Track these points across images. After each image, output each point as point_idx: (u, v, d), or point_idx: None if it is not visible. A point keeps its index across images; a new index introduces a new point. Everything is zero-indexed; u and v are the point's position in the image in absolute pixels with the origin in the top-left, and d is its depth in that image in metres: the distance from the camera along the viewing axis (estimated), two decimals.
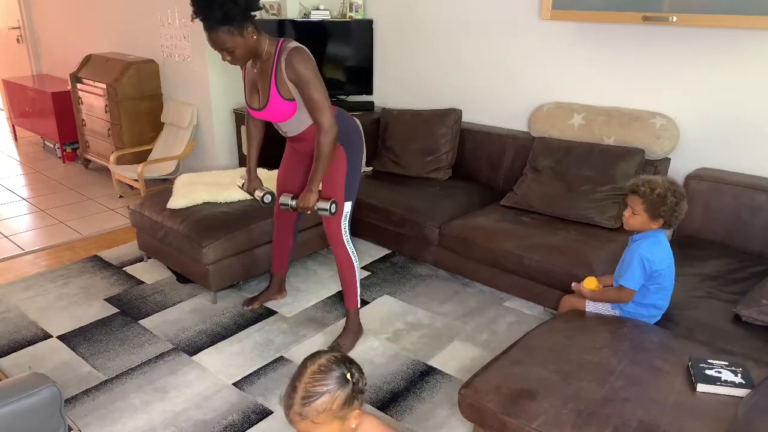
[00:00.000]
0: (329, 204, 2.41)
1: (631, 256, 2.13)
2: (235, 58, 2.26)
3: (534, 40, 3.40)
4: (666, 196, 2.06)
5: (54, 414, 1.54)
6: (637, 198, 2.10)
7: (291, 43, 2.32)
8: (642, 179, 2.13)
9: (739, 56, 2.75)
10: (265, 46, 2.32)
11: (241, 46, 2.23)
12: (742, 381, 1.76)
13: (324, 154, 2.35)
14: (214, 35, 2.19)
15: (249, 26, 2.23)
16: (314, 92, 2.29)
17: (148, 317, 2.92)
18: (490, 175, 3.58)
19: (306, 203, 2.41)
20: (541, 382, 1.80)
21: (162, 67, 4.72)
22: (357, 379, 1.33)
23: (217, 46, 2.22)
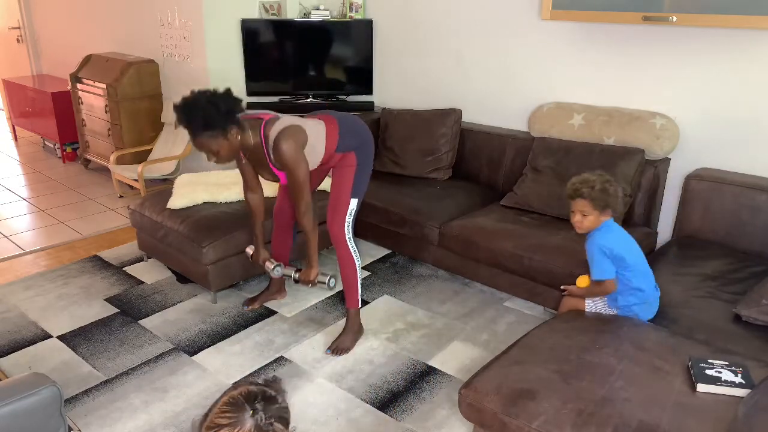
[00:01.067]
0: (327, 279, 2.56)
1: (591, 251, 2.20)
2: (221, 159, 2.32)
3: (534, 40, 3.40)
4: (606, 187, 2.12)
5: (54, 414, 1.54)
6: (581, 201, 2.15)
7: (272, 129, 2.34)
8: (575, 183, 2.18)
9: (739, 56, 2.75)
10: (250, 141, 2.38)
11: (225, 148, 2.29)
12: (742, 381, 1.76)
13: (308, 231, 2.49)
14: (198, 141, 2.25)
15: (232, 128, 2.27)
16: (294, 176, 2.37)
17: (148, 317, 2.92)
18: (490, 175, 3.58)
19: (307, 278, 2.56)
20: (541, 382, 1.80)
21: (162, 67, 4.71)
22: (261, 419, 1.15)
23: (202, 149, 2.28)
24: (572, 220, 2.22)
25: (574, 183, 2.19)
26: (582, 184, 2.16)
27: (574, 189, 2.18)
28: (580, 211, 2.17)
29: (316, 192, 2.82)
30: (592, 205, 2.14)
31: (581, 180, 2.18)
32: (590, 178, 2.17)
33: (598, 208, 2.14)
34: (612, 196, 2.14)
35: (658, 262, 2.61)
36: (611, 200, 2.14)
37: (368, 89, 4.21)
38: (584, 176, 2.20)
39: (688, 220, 2.84)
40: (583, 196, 2.14)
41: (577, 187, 2.17)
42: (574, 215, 2.21)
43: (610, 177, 2.19)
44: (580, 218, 2.18)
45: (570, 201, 2.21)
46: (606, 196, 2.13)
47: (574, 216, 2.20)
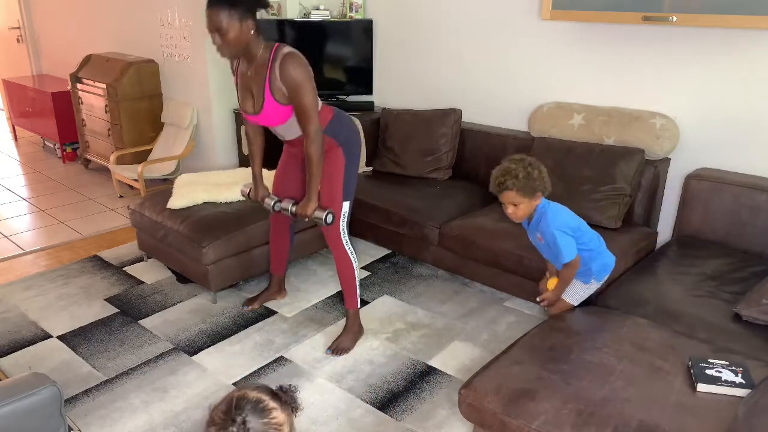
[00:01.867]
0: (325, 214, 2.46)
1: (551, 237, 2.16)
2: (225, 44, 2.22)
3: (534, 40, 3.40)
4: (529, 172, 2.08)
5: (54, 414, 1.54)
6: (509, 192, 2.11)
7: (286, 48, 2.30)
8: (497, 177, 2.12)
9: (739, 56, 2.75)
10: (259, 50, 2.30)
11: (235, 33, 2.20)
12: (743, 381, 1.76)
13: (314, 161, 2.38)
14: (213, 11, 2.17)
15: (249, 19, 2.22)
16: (304, 98, 2.29)
17: (148, 317, 2.92)
18: (490, 175, 3.56)
19: (304, 211, 2.47)
20: (541, 382, 1.80)
21: (162, 67, 4.72)
22: (240, 429, 1.18)
23: (212, 25, 2.19)
24: (506, 212, 2.18)
25: (497, 177, 2.13)
26: (505, 176, 2.10)
27: (498, 183, 2.12)
28: (511, 203, 2.14)
29: None
30: (520, 194, 2.10)
31: (502, 172, 2.12)
32: (511, 167, 2.10)
33: (528, 195, 2.11)
34: (537, 180, 2.09)
35: (658, 262, 2.62)
36: (538, 184, 2.10)
37: (368, 89, 4.21)
38: (504, 167, 2.12)
39: (688, 220, 2.84)
40: (509, 187, 2.09)
41: (500, 180, 2.11)
42: (505, 207, 2.17)
43: (531, 159, 2.13)
44: (513, 209, 2.15)
45: (498, 195, 2.16)
46: (532, 182, 2.09)
47: (506, 208, 2.17)
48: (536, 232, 2.23)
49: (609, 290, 2.46)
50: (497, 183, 2.13)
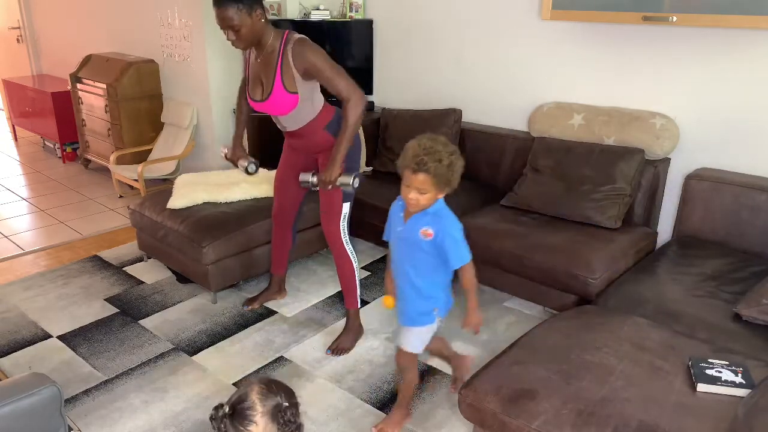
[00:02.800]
0: (352, 177, 2.34)
1: (452, 233, 1.92)
2: (239, 39, 2.26)
3: (534, 40, 3.40)
4: (453, 161, 1.83)
5: (54, 414, 1.54)
6: (424, 176, 1.81)
7: (296, 35, 2.33)
8: (419, 154, 1.80)
9: (739, 56, 2.75)
10: (270, 38, 2.33)
11: (248, 27, 2.23)
12: (743, 381, 1.76)
13: (350, 126, 2.34)
14: (222, 11, 2.19)
15: (258, 9, 2.24)
16: (332, 75, 2.30)
17: (148, 317, 2.92)
18: (490, 175, 3.58)
19: (329, 176, 2.34)
20: (541, 382, 1.80)
21: (162, 67, 4.72)
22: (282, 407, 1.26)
23: (223, 23, 2.22)
24: (406, 195, 1.88)
25: (418, 154, 1.80)
26: (429, 155, 1.79)
27: (418, 161, 1.79)
28: (418, 188, 1.83)
29: (308, 193, 2.79)
30: (434, 182, 1.82)
31: (426, 150, 1.80)
32: (436, 148, 1.80)
33: (440, 186, 1.84)
34: (457, 173, 1.85)
35: (658, 262, 2.62)
36: (454, 177, 1.85)
37: (368, 89, 4.21)
38: (428, 145, 1.81)
39: (688, 220, 2.84)
40: (428, 170, 1.80)
41: (422, 159, 1.79)
42: (408, 190, 1.86)
43: (455, 146, 1.88)
44: (417, 196, 1.85)
45: (407, 173, 1.83)
46: (451, 174, 1.83)
47: (408, 192, 1.86)
48: (423, 226, 1.92)
49: (609, 290, 2.46)
50: (417, 161, 1.80)
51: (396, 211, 2.03)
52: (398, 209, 2.02)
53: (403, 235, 1.99)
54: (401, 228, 1.99)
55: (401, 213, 2.00)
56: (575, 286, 2.62)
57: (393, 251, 2.06)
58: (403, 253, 2.02)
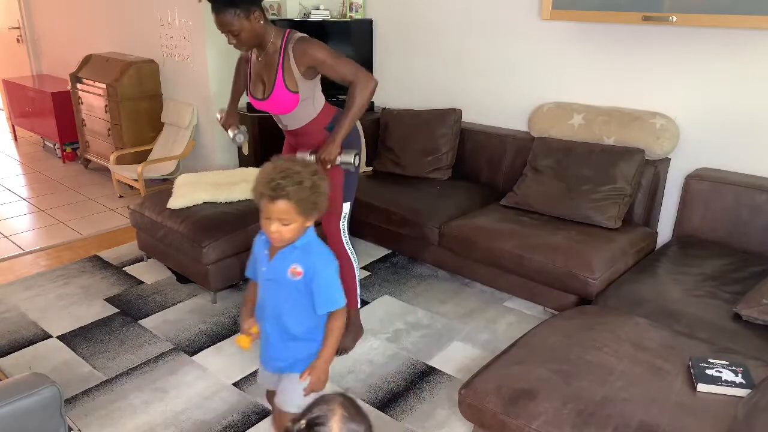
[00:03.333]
0: (353, 156, 2.28)
1: (324, 276, 1.63)
2: (240, 42, 2.27)
3: (534, 40, 3.40)
4: (316, 183, 1.54)
5: (54, 414, 1.54)
6: (284, 203, 1.50)
7: (297, 34, 2.34)
8: (274, 178, 1.50)
9: (739, 56, 2.75)
10: (270, 37, 2.33)
11: (247, 30, 2.24)
12: (743, 381, 1.76)
13: (356, 106, 2.30)
14: (220, 16, 2.20)
15: (256, 11, 2.24)
16: (340, 67, 2.30)
17: (148, 317, 2.92)
18: (490, 175, 3.58)
19: (328, 155, 2.28)
20: (541, 382, 1.80)
21: (162, 67, 4.72)
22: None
23: (223, 28, 2.23)
24: (266, 228, 1.55)
25: (274, 178, 1.49)
26: (286, 178, 1.49)
27: (274, 186, 1.49)
28: (280, 218, 1.52)
29: None
30: (297, 209, 1.52)
31: (283, 172, 1.51)
32: (294, 169, 1.52)
33: (306, 213, 1.55)
34: (323, 195, 1.57)
35: (658, 262, 2.62)
36: (321, 200, 1.57)
37: None
38: (284, 166, 1.53)
39: (688, 220, 2.84)
40: (289, 197, 1.49)
41: (279, 183, 1.49)
42: (269, 222, 1.54)
43: (315, 166, 1.61)
44: (279, 229, 1.54)
45: (264, 202, 1.52)
46: (317, 196, 1.55)
47: (270, 224, 1.53)
48: (291, 264, 1.62)
49: (609, 290, 2.46)
50: (272, 186, 1.49)
51: (260, 247, 1.69)
52: (262, 245, 1.68)
53: (269, 275, 1.66)
54: (266, 268, 1.66)
55: (266, 250, 1.67)
56: (575, 286, 2.62)
57: (261, 293, 1.73)
58: (273, 296, 1.68)
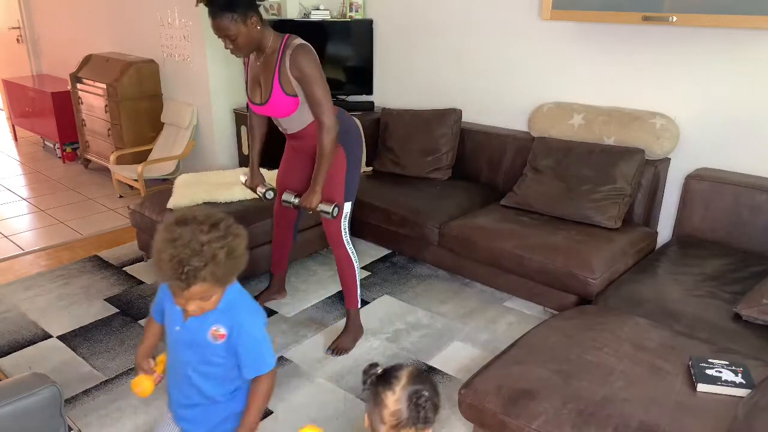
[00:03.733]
0: (332, 207, 2.42)
1: (247, 341, 1.45)
2: (237, 47, 2.27)
3: (534, 40, 3.40)
4: (231, 246, 1.34)
5: (54, 414, 1.54)
6: (201, 287, 1.30)
7: (296, 40, 2.33)
8: (177, 257, 1.26)
9: (739, 56, 2.75)
10: (269, 41, 2.33)
11: (244, 35, 2.24)
12: (743, 381, 1.76)
13: (326, 152, 2.36)
14: (217, 21, 2.20)
15: (253, 16, 2.24)
16: (317, 90, 2.30)
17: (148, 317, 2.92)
18: (490, 175, 3.58)
19: (309, 203, 2.41)
20: (541, 382, 1.80)
21: (162, 67, 4.71)
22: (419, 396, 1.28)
23: (219, 33, 2.23)
24: (183, 305, 1.37)
25: (181, 260, 1.25)
26: (195, 257, 1.26)
27: (185, 273, 1.26)
28: (198, 299, 1.34)
29: None
30: (217, 285, 1.34)
31: (189, 249, 1.26)
32: (199, 239, 1.28)
33: (226, 280, 1.38)
34: (241, 254, 1.38)
35: (658, 262, 2.62)
36: (241, 261, 1.38)
37: (368, 89, 4.21)
38: (186, 236, 1.27)
39: (688, 220, 2.84)
40: (206, 280, 1.29)
41: (189, 268, 1.26)
42: (185, 303, 1.35)
43: (225, 217, 1.40)
44: (200, 305, 1.36)
45: (176, 289, 1.31)
46: (235, 260, 1.35)
47: (189, 304, 1.34)
48: (212, 325, 1.43)
49: (609, 290, 2.46)
50: (182, 272, 1.26)
51: (170, 299, 1.43)
52: (171, 298, 1.41)
53: (183, 337, 1.45)
54: (180, 327, 1.45)
55: (181, 318, 1.44)
56: (575, 286, 2.62)
57: (169, 349, 1.54)
58: (186, 357, 1.48)
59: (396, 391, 1.26)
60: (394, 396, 1.26)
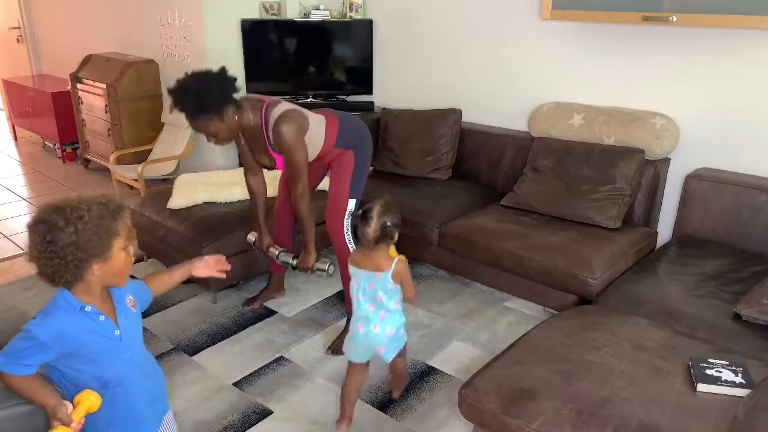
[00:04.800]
0: (327, 266, 2.52)
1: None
2: (219, 141, 2.32)
3: (534, 40, 3.40)
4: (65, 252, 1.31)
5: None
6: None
7: (274, 111, 2.35)
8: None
9: (739, 56, 2.75)
10: (249, 120, 2.38)
11: (224, 130, 2.29)
12: (743, 381, 1.76)
13: (304, 217, 2.48)
14: (194, 123, 2.25)
15: (228, 109, 2.26)
16: (295, 158, 2.37)
17: (148, 317, 2.92)
18: (490, 175, 3.58)
19: (306, 264, 2.53)
20: (541, 382, 1.80)
21: (162, 67, 4.71)
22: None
23: (199, 131, 2.29)
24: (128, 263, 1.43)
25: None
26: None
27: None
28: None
29: (316, 192, 2.82)
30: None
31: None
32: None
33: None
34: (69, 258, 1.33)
35: (658, 262, 2.62)
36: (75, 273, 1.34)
37: (368, 89, 4.21)
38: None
39: (688, 220, 2.84)
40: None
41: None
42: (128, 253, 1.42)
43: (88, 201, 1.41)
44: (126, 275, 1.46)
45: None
46: (59, 259, 1.32)
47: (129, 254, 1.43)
48: (128, 298, 1.54)
49: (609, 290, 2.46)
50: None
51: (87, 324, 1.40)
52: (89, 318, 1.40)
53: (127, 331, 1.50)
54: (119, 330, 1.47)
55: (100, 317, 1.43)
56: (575, 286, 2.62)
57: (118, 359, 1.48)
58: (138, 342, 1.56)
59: (372, 225, 1.99)
60: (371, 228, 1.99)
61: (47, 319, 1.35)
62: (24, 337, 1.34)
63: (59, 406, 1.37)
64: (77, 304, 1.37)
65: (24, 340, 1.34)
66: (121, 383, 1.45)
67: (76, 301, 1.37)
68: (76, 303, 1.37)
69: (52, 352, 1.35)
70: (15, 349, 1.34)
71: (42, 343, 1.33)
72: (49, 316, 1.36)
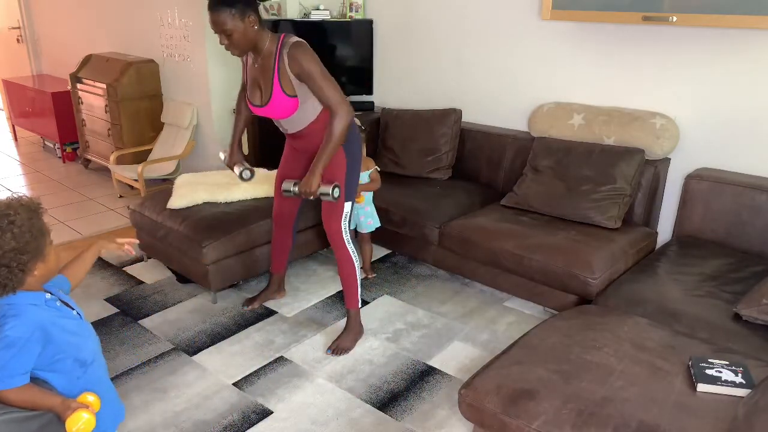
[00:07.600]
0: (331, 188, 2.37)
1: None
2: (233, 44, 2.27)
3: (534, 40, 3.40)
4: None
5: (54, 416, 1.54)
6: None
7: (292, 38, 2.33)
8: None
9: (739, 56, 2.75)
10: (265, 43, 2.33)
11: (240, 32, 2.24)
12: (743, 381, 1.76)
13: (334, 137, 2.33)
14: (215, 14, 2.21)
15: (251, 15, 2.25)
16: (322, 83, 2.30)
17: (148, 317, 2.92)
18: (490, 175, 3.58)
19: (308, 187, 2.37)
20: (541, 382, 1.80)
21: (162, 67, 4.72)
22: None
23: (216, 27, 2.24)
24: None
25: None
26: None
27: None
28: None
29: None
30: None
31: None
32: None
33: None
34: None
35: (658, 262, 2.62)
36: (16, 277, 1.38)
37: (368, 89, 4.21)
38: None
39: (688, 220, 2.84)
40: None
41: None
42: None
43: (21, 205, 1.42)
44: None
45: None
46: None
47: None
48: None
49: (609, 290, 2.46)
50: None
51: (56, 316, 1.50)
52: (56, 308, 1.52)
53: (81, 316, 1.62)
54: (78, 317, 1.59)
55: (57, 302, 1.54)
56: (575, 286, 2.62)
57: (87, 348, 1.57)
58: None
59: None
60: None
61: (19, 319, 1.37)
62: (5, 346, 1.34)
63: (66, 401, 1.41)
64: (38, 295, 1.43)
65: (6, 349, 1.34)
66: (95, 359, 1.55)
67: (33, 295, 1.42)
68: (34, 296, 1.43)
69: (39, 344, 1.39)
70: (3, 363, 1.35)
71: (26, 340, 1.36)
72: (18, 316, 1.38)
